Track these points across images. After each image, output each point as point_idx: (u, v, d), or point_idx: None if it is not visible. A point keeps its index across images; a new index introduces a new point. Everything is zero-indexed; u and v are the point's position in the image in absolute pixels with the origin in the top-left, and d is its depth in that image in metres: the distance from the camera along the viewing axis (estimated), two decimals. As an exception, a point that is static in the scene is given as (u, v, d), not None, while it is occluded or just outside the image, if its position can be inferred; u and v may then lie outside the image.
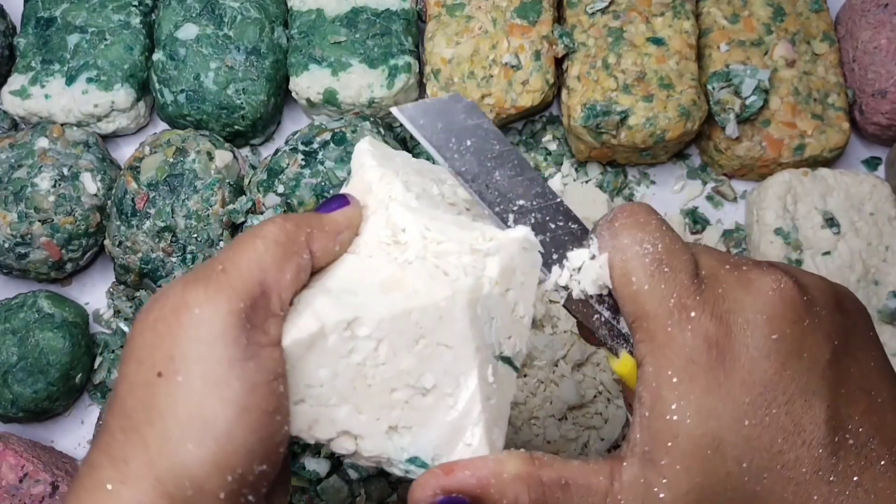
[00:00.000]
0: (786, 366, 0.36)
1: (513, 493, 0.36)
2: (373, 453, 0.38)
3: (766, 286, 0.37)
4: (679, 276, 0.37)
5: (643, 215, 0.39)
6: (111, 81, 0.73)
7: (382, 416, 0.38)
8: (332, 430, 0.37)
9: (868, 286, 0.67)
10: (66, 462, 0.66)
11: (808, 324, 0.37)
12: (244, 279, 0.35)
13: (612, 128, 0.68)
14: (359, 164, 0.42)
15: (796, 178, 0.69)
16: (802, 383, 0.36)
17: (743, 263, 0.39)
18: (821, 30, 0.73)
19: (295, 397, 0.36)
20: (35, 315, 0.68)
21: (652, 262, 0.38)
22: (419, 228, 0.39)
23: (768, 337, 0.36)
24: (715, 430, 0.35)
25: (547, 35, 0.71)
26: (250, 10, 0.74)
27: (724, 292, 0.37)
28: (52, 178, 0.69)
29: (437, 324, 0.37)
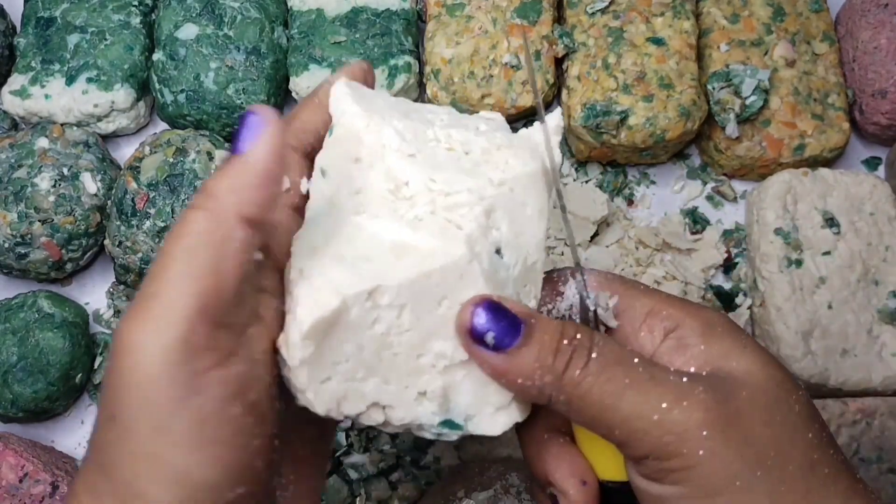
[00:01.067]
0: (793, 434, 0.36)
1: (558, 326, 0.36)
2: (404, 421, 0.37)
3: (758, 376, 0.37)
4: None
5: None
6: (111, 81, 0.73)
7: (411, 383, 0.37)
8: (362, 404, 0.36)
9: (868, 286, 0.67)
10: (66, 462, 0.66)
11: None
12: (174, 303, 0.30)
13: (612, 128, 0.68)
14: (340, 110, 0.38)
15: (796, 178, 0.69)
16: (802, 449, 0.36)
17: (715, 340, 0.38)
18: (821, 30, 0.73)
19: (322, 376, 0.35)
20: (35, 315, 0.68)
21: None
22: (423, 180, 0.37)
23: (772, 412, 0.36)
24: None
25: (547, 35, 0.71)
26: (250, 10, 0.74)
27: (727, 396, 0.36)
28: (52, 178, 0.69)
29: (458, 282, 0.36)
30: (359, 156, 0.38)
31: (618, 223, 0.73)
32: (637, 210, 0.75)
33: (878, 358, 0.66)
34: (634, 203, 0.75)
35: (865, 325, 0.66)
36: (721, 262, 0.72)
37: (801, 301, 0.66)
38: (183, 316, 0.30)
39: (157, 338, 0.29)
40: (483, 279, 0.36)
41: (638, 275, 0.71)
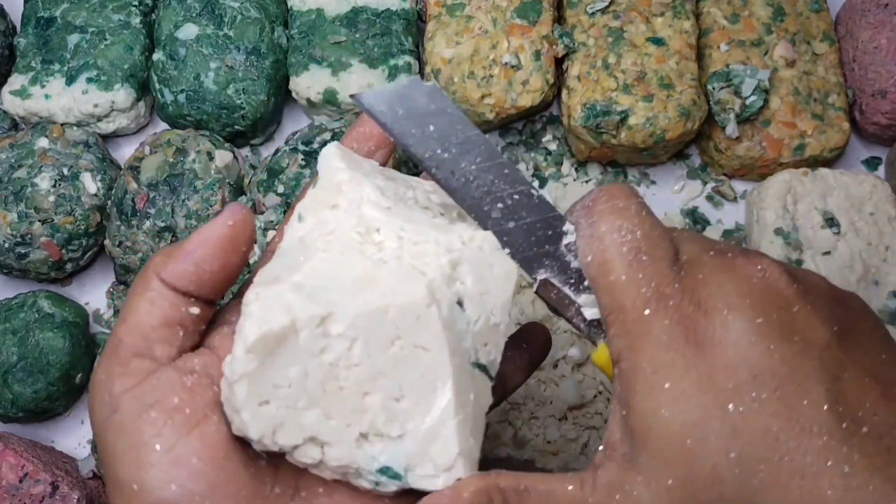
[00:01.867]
0: (773, 349, 0.33)
1: None
2: (341, 462, 0.36)
3: (751, 272, 0.35)
4: (658, 264, 0.36)
5: (623, 199, 0.37)
6: (111, 81, 0.73)
7: (354, 421, 0.36)
8: (299, 435, 0.35)
9: (868, 286, 0.67)
10: (66, 462, 0.66)
11: (798, 309, 0.34)
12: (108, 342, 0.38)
13: (612, 128, 0.68)
14: (326, 166, 0.40)
15: (796, 178, 0.69)
16: (794, 366, 0.33)
17: (729, 250, 0.37)
18: (821, 30, 0.73)
19: (259, 398, 0.35)
20: (35, 315, 0.68)
21: (630, 251, 0.36)
22: (394, 229, 0.37)
23: (752, 320, 0.34)
24: (695, 418, 0.33)
25: (547, 35, 0.71)
26: (250, 10, 0.74)
27: (706, 277, 0.35)
28: (52, 178, 0.69)
29: (414, 324, 0.36)
30: (336, 203, 0.38)
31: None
32: (637, 210, 0.75)
33: (878, 358, 0.66)
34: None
35: (865, 325, 0.66)
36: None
37: (801, 301, 0.66)
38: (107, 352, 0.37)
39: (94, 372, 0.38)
40: (440, 325, 0.36)
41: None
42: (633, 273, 0.36)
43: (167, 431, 0.35)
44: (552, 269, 0.39)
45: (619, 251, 0.36)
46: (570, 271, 0.39)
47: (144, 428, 0.35)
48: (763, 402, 0.33)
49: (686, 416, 0.33)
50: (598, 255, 0.37)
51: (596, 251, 0.37)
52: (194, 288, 0.37)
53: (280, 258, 0.38)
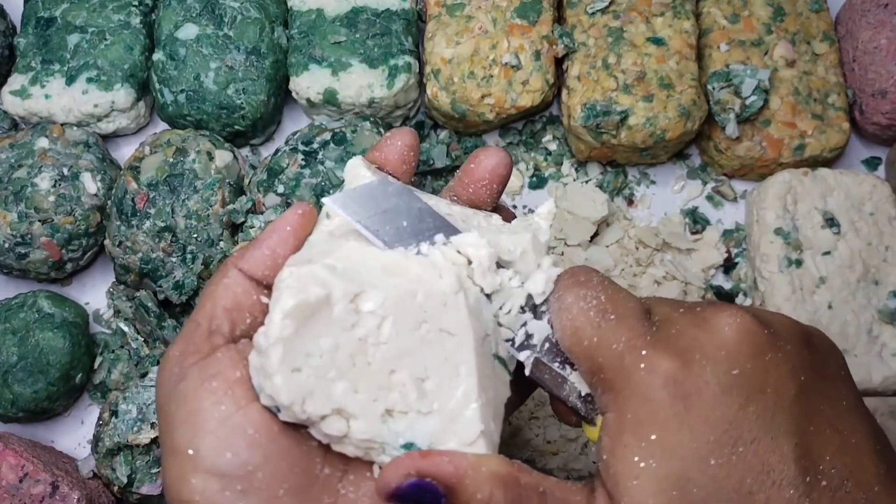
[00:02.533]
0: (749, 401, 0.35)
1: (489, 488, 0.35)
2: (365, 436, 0.37)
3: (724, 322, 0.36)
4: (626, 320, 0.37)
5: (583, 274, 0.39)
6: (111, 81, 0.73)
7: (380, 397, 0.37)
8: (327, 406, 0.36)
9: (868, 286, 0.67)
10: (66, 462, 0.66)
11: (770, 358, 0.36)
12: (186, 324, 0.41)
13: (612, 128, 0.68)
14: (354, 173, 0.42)
15: (796, 178, 0.69)
16: (768, 420, 0.35)
17: (697, 305, 0.38)
18: (821, 30, 0.73)
19: (294, 363, 0.36)
20: (35, 315, 0.68)
21: (597, 314, 0.37)
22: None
23: (728, 372, 0.35)
24: (679, 469, 0.34)
25: (547, 35, 0.71)
26: (250, 10, 0.74)
27: (679, 331, 0.36)
28: (52, 178, 0.69)
29: (442, 310, 0.37)
30: None
31: (618, 223, 0.73)
32: (637, 210, 0.75)
33: (878, 358, 0.66)
34: (634, 203, 0.75)
35: (865, 325, 0.66)
36: (721, 262, 0.72)
37: (801, 301, 0.66)
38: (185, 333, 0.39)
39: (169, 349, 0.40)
40: (466, 312, 0.37)
41: (638, 275, 0.71)
42: (604, 333, 0.37)
43: (227, 401, 0.36)
44: (542, 350, 0.40)
45: (587, 316, 0.37)
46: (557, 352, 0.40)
47: (205, 396, 0.37)
48: (740, 456, 0.34)
49: (671, 468, 0.34)
50: (568, 325, 0.38)
51: (566, 322, 0.38)
52: (269, 273, 0.39)
53: (310, 247, 0.40)
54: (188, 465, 0.36)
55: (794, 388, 0.35)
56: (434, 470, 0.35)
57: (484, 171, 0.44)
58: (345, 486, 0.38)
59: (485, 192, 0.45)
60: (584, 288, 0.38)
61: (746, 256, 0.72)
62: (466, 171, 0.45)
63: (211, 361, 0.38)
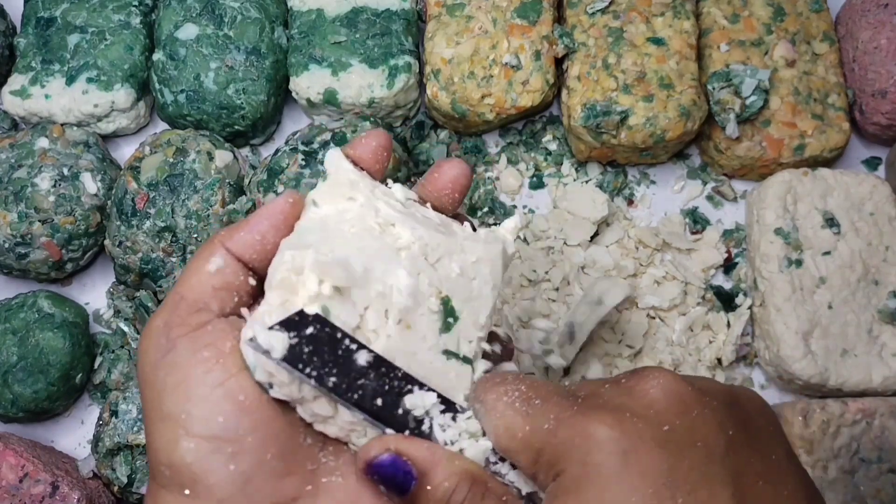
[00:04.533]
0: (683, 455, 0.35)
1: (455, 481, 0.37)
2: (351, 419, 0.38)
3: (648, 385, 0.37)
4: (552, 399, 0.37)
5: (498, 377, 0.40)
6: (111, 81, 0.73)
7: None
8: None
9: (868, 286, 0.67)
10: (66, 462, 0.66)
11: (696, 413, 0.36)
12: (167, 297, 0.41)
13: (612, 128, 0.68)
14: (335, 165, 0.43)
15: (796, 178, 0.69)
16: (703, 472, 0.35)
17: (621, 377, 0.39)
18: (821, 30, 0.73)
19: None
20: (35, 315, 0.68)
21: (522, 403, 0.38)
22: (408, 226, 0.41)
23: (660, 428, 0.35)
24: None
25: (547, 35, 0.71)
26: (250, 10, 0.74)
27: (606, 401, 0.37)
28: (52, 178, 0.69)
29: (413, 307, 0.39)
30: (353, 196, 0.41)
31: (618, 223, 0.73)
32: (637, 210, 0.75)
33: (878, 358, 0.66)
34: (634, 203, 0.75)
35: (865, 325, 0.66)
36: (721, 262, 0.72)
37: (801, 301, 0.66)
38: (166, 304, 0.40)
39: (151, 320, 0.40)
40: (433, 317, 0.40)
41: (638, 275, 0.71)
42: (533, 418, 0.37)
43: (218, 369, 0.37)
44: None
45: (514, 408, 0.38)
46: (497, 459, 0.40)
47: (198, 364, 0.37)
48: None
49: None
50: (500, 424, 0.38)
51: (496, 421, 0.38)
52: (257, 257, 0.40)
53: (305, 233, 0.40)
54: (179, 429, 0.37)
55: (722, 441, 0.36)
56: (412, 451, 0.37)
57: (446, 180, 0.46)
58: (325, 456, 0.40)
59: (446, 200, 0.46)
60: (503, 385, 0.39)
61: (746, 256, 0.72)
62: (430, 180, 0.46)
63: (201, 333, 0.38)
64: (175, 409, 0.37)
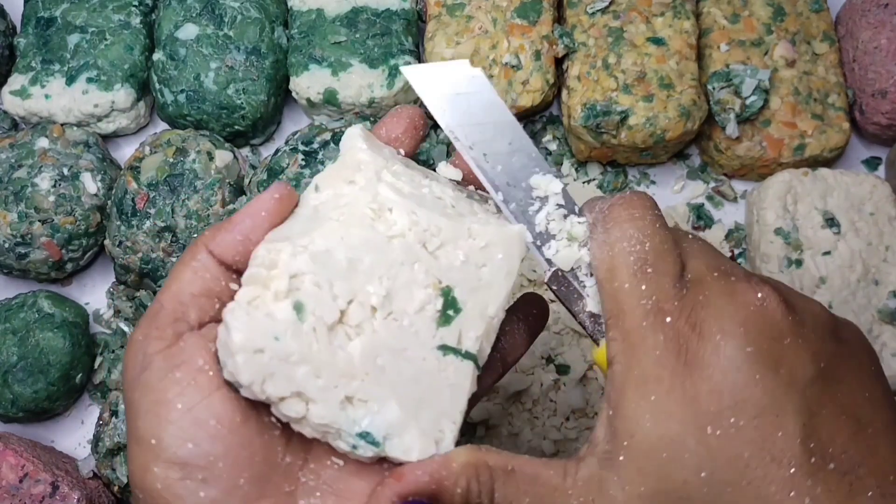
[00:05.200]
0: (758, 379, 0.35)
1: (465, 480, 0.37)
2: (323, 421, 0.37)
3: (750, 299, 0.36)
4: (662, 279, 0.37)
5: (639, 209, 0.39)
6: (111, 81, 0.73)
7: (341, 384, 0.37)
8: (287, 388, 0.37)
9: (868, 286, 0.67)
10: (66, 462, 0.66)
11: (789, 342, 0.36)
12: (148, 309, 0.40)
13: (612, 128, 0.68)
14: (349, 145, 0.42)
15: (796, 178, 0.69)
16: (775, 398, 0.35)
17: (733, 272, 0.38)
18: (821, 30, 0.73)
19: (255, 345, 0.36)
20: (35, 315, 0.68)
21: (636, 262, 0.37)
22: (406, 211, 0.39)
23: (742, 349, 0.35)
24: (673, 434, 0.35)
25: (547, 35, 0.71)
26: (250, 10, 0.74)
27: (706, 299, 0.36)
28: (52, 178, 0.69)
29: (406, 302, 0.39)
30: (354, 179, 0.40)
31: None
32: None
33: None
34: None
35: (865, 325, 0.66)
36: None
37: (802, 301, 0.66)
38: (148, 316, 0.39)
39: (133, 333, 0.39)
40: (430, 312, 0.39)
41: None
42: (637, 283, 0.37)
43: (190, 391, 0.37)
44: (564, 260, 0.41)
45: (627, 260, 0.37)
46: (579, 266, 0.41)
47: (169, 387, 0.37)
48: (740, 429, 0.34)
49: (665, 431, 0.35)
50: (606, 261, 0.38)
51: (605, 256, 0.38)
52: (240, 259, 0.39)
53: (293, 222, 0.40)
54: (150, 454, 0.36)
55: (810, 372, 0.36)
56: (413, 487, 0.36)
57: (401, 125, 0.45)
58: (305, 475, 0.39)
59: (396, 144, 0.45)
60: (633, 227, 0.38)
61: (746, 256, 0.72)
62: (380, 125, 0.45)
63: (175, 350, 0.38)
64: (147, 433, 0.36)
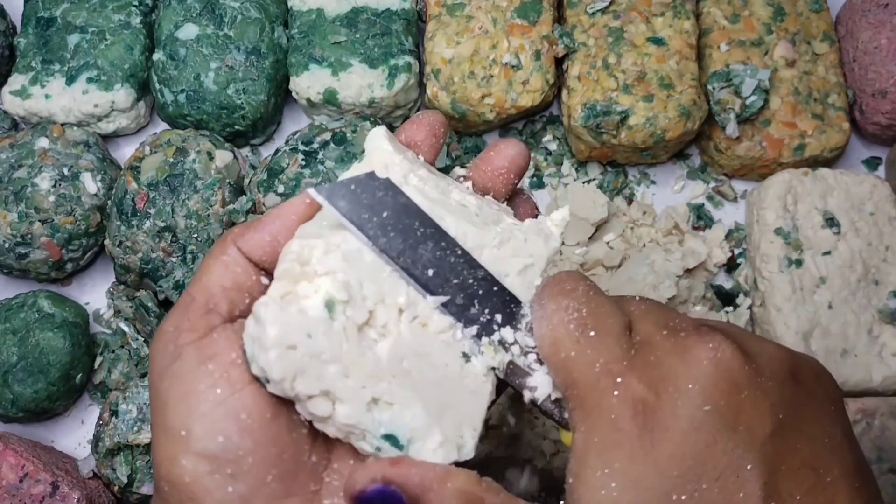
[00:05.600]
0: (717, 439, 0.34)
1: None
2: (349, 421, 0.37)
3: (703, 354, 0.36)
4: (606, 339, 0.37)
5: (570, 282, 0.39)
6: (111, 81, 0.73)
7: (369, 385, 0.37)
8: (316, 386, 0.37)
9: (868, 286, 0.67)
10: (66, 462, 0.66)
11: (746, 395, 0.35)
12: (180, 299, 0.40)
13: (612, 128, 0.68)
14: (374, 146, 0.42)
15: (796, 178, 0.69)
16: (736, 457, 0.34)
17: (683, 328, 0.37)
18: (821, 30, 0.73)
19: (288, 341, 0.36)
20: (35, 315, 0.68)
21: (577, 328, 0.37)
22: (434, 217, 0.40)
23: (700, 408, 0.35)
24: (640, 501, 0.34)
25: (547, 35, 0.71)
26: (250, 10, 0.74)
27: (657, 360, 0.36)
28: (52, 178, 0.69)
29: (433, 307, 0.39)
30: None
31: (618, 220, 0.73)
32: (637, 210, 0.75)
33: (878, 358, 0.66)
34: (635, 203, 0.75)
35: (866, 325, 0.66)
36: (724, 260, 0.72)
37: (802, 301, 0.66)
38: (178, 307, 0.39)
39: (162, 324, 0.39)
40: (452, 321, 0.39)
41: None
42: (582, 349, 0.37)
43: (222, 384, 0.37)
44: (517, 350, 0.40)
45: (567, 329, 0.37)
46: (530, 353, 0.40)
47: (201, 378, 0.37)
48: (703, 493, 0.34)
49: (631, 499, 0.34)
50: (548, 335, 0.38)
51: (546, 331, 0.38)
52: (267, 258, 0.39)
53: (322, 219, 0.40)
54: (180, 445, 0.36)
55: (769, 425, 0.35)
56: (401, 479, 0.36)
57: (504, 159, 0.44)
58: (329, 475, 0.39)
59: (501, 181, 0.44)
60: (568, 298, 0.38)
61: (746, 256, 0.72)
62: (485, 159, 0.44)
63: (207, 342, 0.37)
64: (177, 423, 0.36)
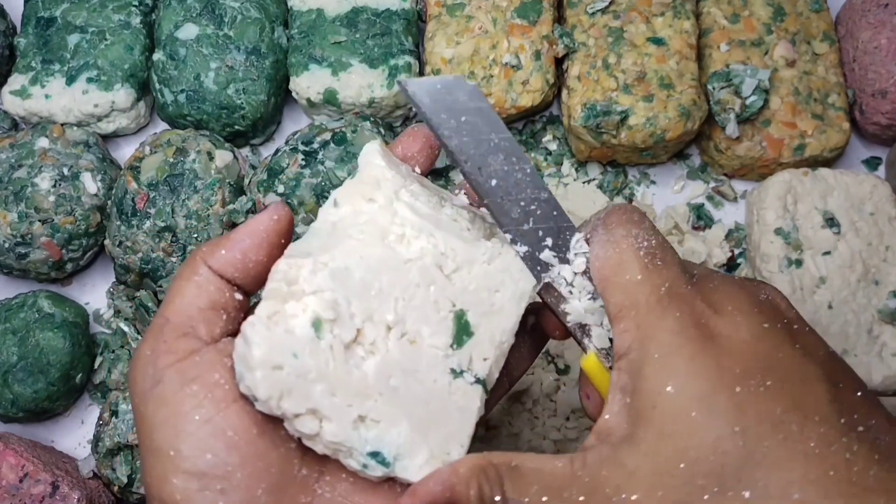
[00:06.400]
0: (779, 349, 0.36)
1: (475, 481, 0.37)
2: (335, 439, 0.38)
3: (758, 291, 0.38)
4: (672, 269, 0.38)
5: (637, 214, 0.41)
6: (111, 81, 0.73)
7: (355, 403, 0.38)
8: (303, 405, 0.37)
9: (868, 286, 0.67)
10: (66, 462, 0.66)
11: (798, 328, 0.38)
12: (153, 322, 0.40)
13: (612, 128, 0.68)
14: (367, 161, 0.42)
15: (796, 178, 0.69)
16: (798, 366, 0.36)
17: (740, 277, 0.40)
18: (821, 30, 0.73)
19: (274, 362, 0.37)
20: (35, 315, 0.68)
21: (646, 255, 0.39)
22: (425, 233, 0.40)
23: (760, 324, 0.37)
24: (701, 393, 0.35)
25: (547, 35, 0.71)
26: (250, 10, 0.74)
27: (717, 286, 0.38)
28: (52, 178, 0.69)
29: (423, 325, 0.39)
30: (373, 197, 0.41)
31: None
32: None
33: (878, 358, 0.66)
34: (635, 203, 0.75)
35: (865, 325, 0.66)
36: (725, 260, 0.72)
37: (801, 301, 0.66)
38: (152, 330, 0.39)
39: (139, 348, 0.40)
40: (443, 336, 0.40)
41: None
42: (649, 273, 0.38)
43: (207, 404, 0.37)
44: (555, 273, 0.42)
45: (637, 254, 0.39)
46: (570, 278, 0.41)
47: (185, 399, 0.37)
48: (769, 388, 0.35)
49: (693, 391, 0.35)
50: (613, 257, 0.39)
51: (611, 253, 0.39)
52: (239, 276, 0.40)
53: (312, 236, 0.40)
54: (169, 465, 0.37)
55: (824, 349, 0.37)
56: (430, 499, 0.37)
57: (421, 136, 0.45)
58: (321, 486, 0.39)
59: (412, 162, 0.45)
60: (637, 228, 0.40)
61: (746, 256, 0.72)
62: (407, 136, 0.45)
63: (189, 365, 0.38)
64: (164, 444, 0.37)
